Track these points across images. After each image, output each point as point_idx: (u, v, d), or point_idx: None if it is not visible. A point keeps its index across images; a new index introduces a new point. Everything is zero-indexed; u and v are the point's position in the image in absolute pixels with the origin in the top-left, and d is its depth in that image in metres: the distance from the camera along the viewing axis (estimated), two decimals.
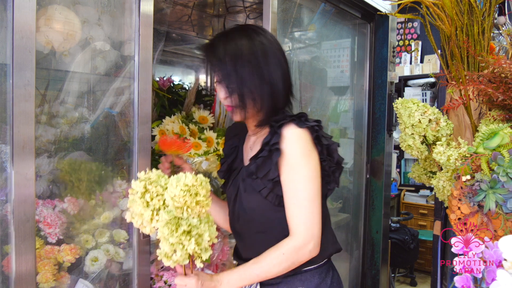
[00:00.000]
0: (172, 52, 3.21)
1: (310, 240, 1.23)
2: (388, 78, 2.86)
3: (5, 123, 1.09)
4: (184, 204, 1.03)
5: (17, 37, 1.05)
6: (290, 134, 1.25)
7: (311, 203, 1.24)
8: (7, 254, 1.15)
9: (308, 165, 1.25)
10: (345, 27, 2.91)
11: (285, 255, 1.23)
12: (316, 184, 1.26)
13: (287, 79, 1.35)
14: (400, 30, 5.42)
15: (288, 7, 2.17)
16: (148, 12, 1.41)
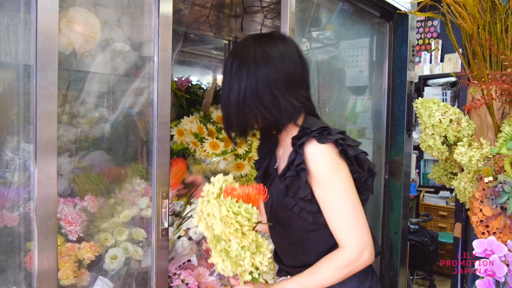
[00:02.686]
0: (190, 53, 3.23)
1: (363, 250, 1.20)
2: (408, 78, 2.83)
3: (29, 122, 1.11)
4: (224, 227, 1.04)
5: (40, 38, 1.07)
6: (313, 152, 1.19)
7: (354, 214, 1.20)
8: (29, 250, 1.17)
9: (340, 179, 1.20)
10: (364, 26, 2.88)
11: (339, 268, 1.20)
12: (353, 195, 1.21)
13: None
14: (420, 29, 5.35)
15: (306, 6, 2.16)
16: (167, 13, 1.42)
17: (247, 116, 1.25)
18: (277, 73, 1.22)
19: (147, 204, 1.50)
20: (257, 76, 1.22)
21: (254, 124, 1.28)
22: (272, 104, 1.23)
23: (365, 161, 1.26)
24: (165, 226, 1.45)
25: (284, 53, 1.25)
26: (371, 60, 2.96)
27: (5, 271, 1.21)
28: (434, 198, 5.05)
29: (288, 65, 1.25)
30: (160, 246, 1.46)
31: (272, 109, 1.23)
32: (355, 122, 2.99)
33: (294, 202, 1.25)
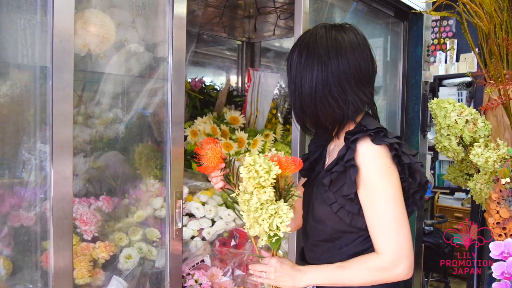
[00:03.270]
0: (204, 53, 3.25)
1: (399, 262, 1.15)
2: (423, 78, 2.80)
3: (45, 123, 1.12)
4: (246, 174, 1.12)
5: (56, 40, 1.09)
6: (366, 151, 1.16)
7: (397, 224, 1.15)
8: (45, 250, 1.18)
9: (389, 185, 1.16)
10: (378, 26, 2.86)
11: (369, 270, 1.18)
12: (399, 203, 1.16)
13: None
14: (435, 28, 5.30)
15: (320, 6, 2.15)
16: (181, 14, 1.43)
17: (317, 107, 1.23)
18: (348, 65, 1.20)
19: (161, 205, 1.51)
20: (327, 67, 1.20)
21: (323, 115, 1.25)
22: (340, 97, 1.21)
23: (418, 172, 1.21)
24: (179, 226, 1.46)
25: (355, 45, 1.22)
26: (385, 60, 2.94)
27: (22, 269, 1.22)
28: (449, 199, 4.99)
29: (359, 58, 1.22)
30: (174, 246, 1.46)
31: (339, 102, 1.21)
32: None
33: (335, 198, 1.22)
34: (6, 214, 1.20)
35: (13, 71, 1.19)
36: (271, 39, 3.22)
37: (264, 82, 2.57)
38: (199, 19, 2.48)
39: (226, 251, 1.93)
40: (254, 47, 3.28)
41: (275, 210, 1.14)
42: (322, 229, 1.30)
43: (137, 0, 1.47)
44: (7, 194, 1.18)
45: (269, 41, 3.26)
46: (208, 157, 1.24)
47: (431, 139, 3.48)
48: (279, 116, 2.69)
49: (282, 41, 3.32)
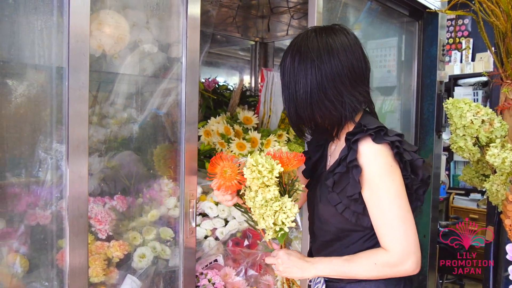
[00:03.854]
0: (217, 54, 3.26)
1: (407, 258, 1.16)
2: (438, 78, 2.77)
3: (61, 123, 1.14)
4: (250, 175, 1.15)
5: (72, 41, 1.10)
6: (367, 150, 1.17)
7: (403, 221, 1.16)
8: (61, 248, 1.20)
9: (392, 182, 1.17)
10: (392, 26, 2.84)
11: (376, 266, 1.19)
12: (403, 200, 1.17)
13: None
14: (450, 28, 5.24)
15: (334, 6, 2.14)
16: (195, 15, 1.43)
17: (314, 110, 1.24)
18: (341, 66, 1.21)
19: (174, 204, 1.52)
20: (321, 70, 1.20)
21: (321, 118, 1.26)
22: (336, 98, 1.22)
23: (420, 168, 1.22)
24: (192, 226, 1.47)
25: (346, 46, 1.23)
26: (399, 60, 2.92)
27: (38, 267, 1.24)
28: (465, 200, 4.93)
29: (351, 58, 1.22)
30: (188, 245, 1.47)
31: (336, 104, 1.22)
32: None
33: (340, 199, 1.23)
34: (23, 213, 1.21)
35: (30, 71, 1.21)
36: (285, 39, 3.22)
37: (277, 82, 2.56)
38: (213, 20, 2.49)
39: (239, 251, 1.94)
40: (268, 47, 3.28)
41: (280, 206, 1.16)
42: (328, 229, 1.32)
43: (152, 1, 1.48)
44: (24, 193, 1.20)
45: (282, 41, 3.26)
46: (227, 176, 1.20)
47: (446, 139, 3.44)
48: None
49: None
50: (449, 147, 1.63)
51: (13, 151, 1.18)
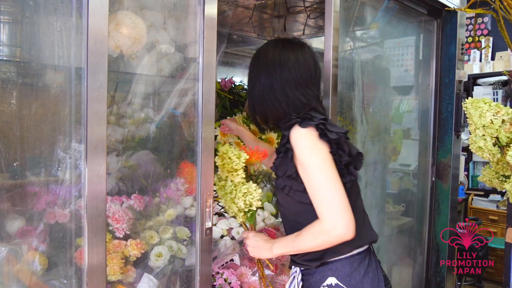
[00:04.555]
0: (233, 54, 3.26)
1: (337, 222, 1.29)
2: (456, 77, 2.74)
3: (80, 123, 1.15)
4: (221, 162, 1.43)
5: (91, 42, 1.11)
6: (295, 135, 1.36)
7: (330, 190, 1.31)
8: (79, 246, 1.21)
9: (317, 157, 1.33)
10: (410, 24, 2.81)
11: (313, 234, 1.33)
12: (330, 172, 1.32)
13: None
14: (470, 26, 5.16)
15: (351, 5, 2.13)
16: (212, 15, 1.44)
17: (265, 108, 1.50)
18: (289, 75, 1.45)
19: (191, 203, 1.53)
20: (272, 77, 1.47)
21: (270, 114, 1.50)
22: (283, 100, 1.46)
23: (345, 143, 1.40)
24: (209, 226, 1.47)
25: (296, 59, 1.47)
26: (417, 59, 2.89)
27: (57, 265, 1.25)
28: (484, 201, 4.86)
29: (299, 69, 1.46)
30: (204, 245, 1.47)
31: (282, 104, 1.46)
32: (400, 123, 2.92)
33: (284, 182, 1.43)
34: (42, 211, 1.23)
35: (50, 72, 1.23)
36: (301, 39, 3.20)
37: None
38: (229, 20, 2.49)
39: None
40: None
41: (247, 189, 1.43)
42: (285, 216, 1.52)
43: (168, 2, 1.49)
44: (43, 191, 1.22)
45: None
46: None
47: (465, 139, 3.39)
48: None
49: (311, 40, 3.30)
50: (468, 147, 1.61)
51: (33, 151, 1.20)
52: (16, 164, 1.17)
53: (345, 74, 2.11)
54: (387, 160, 2.70)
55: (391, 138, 2.78)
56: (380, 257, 2.60)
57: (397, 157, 2.90)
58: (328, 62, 1.93)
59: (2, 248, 1.17)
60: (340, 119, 2.09)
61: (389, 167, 2.78)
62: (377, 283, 1.43)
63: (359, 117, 2.28)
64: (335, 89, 1.95)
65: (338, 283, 1.39)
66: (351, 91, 2.19)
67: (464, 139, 3.31)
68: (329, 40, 1.92)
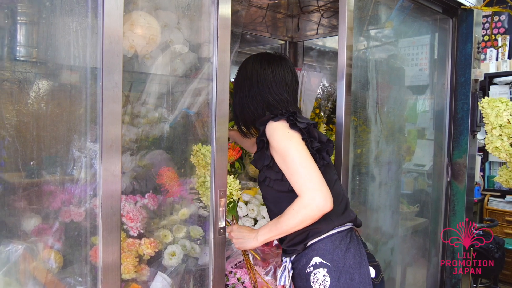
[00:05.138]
0: (246, 53, 3.25)
1: (315, 195, 1.40)
2: (472, 76, 2.70)
3: (95, 123, 1.16)
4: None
5: (106, 42, 1.12)
6: (269, 128, 1.52)
7: (305, 168, 1.43)
8: (94, 245, 1.22)
9: (291, 142, 1.47)
10: (425, 23, 2.78)
11: (295, 211, 1.44)
12: (303, 153, 1.46)
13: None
14: (486, 25, 5.09)
15: (365, 4, 2.11)
16: (226, 15, 1.44)
17: (244, 113, 1.69)
18: (265, 84, 1.64)
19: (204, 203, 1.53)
20: (247, 88, 1.66)
21: (249, 118, 1.68)
22: (258, 105, 1.65)
23: (314, 131, 1.54)
24: (222, 225, 1.47)
25: (274, 71, 1.65)
26: (432, 58, 2.86)
27: (72, 263, 1.27)
28: (500, 202, 4.79)
29: (275, 79, 1.64)
30: (218, 244, 1.48)
31: (258, 109, 1.65)
32: (414, 123, 2.90)
33: (264, 174, 1.58)
34: (58, 210, 1.24)
35: (66, 72, 1.24)
36: (314, 38, 3.19)
37: (307, 82, 2.55)
38: (243, 19, 2.49)
39: (268, 250, 1.94)
40: (297, 46, 3.26)
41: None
42: (271, 207, 1.64)
43: (183, 2, 1.49)
44: (58, 190, 1.23)
45: (312, 40, 3.23)
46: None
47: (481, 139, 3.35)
48: (323, 115, 2.66)
49: (325, 40, 3.29)
50: (484, 147, 1.59)
51: (49, 150, 1.21)
52: (33, 163, 1.18)
53: (359, 74, 2.10)
54: (401, 160, 2.68)
55: (405, 138, 2.76)
56: (394, 257, 2.59)
57: (412, 157, 2.87)
58: (342, 61, 1.92)
59: (19, 246, 1.19)
60: (354, 119, 2.07)
61: (404, 167, 2.76)
62: (360, 258, 1.51)
63: (373, 117, 2.26)
64: (349, 89, 1.94)
65: (322, 261, 1.49)
66: (365, 90, 2.17)
67: (480, 139, 3.28)
68: (343, 40, 1.91)
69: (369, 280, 1.48)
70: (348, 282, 1.46)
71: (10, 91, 1.14)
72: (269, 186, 1.57)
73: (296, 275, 1.57)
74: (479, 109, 1.64)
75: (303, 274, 1.52)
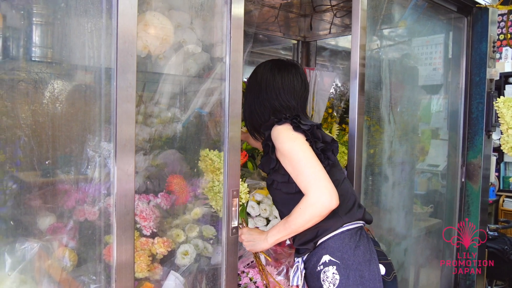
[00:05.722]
0: (259, 53, 3.26)
1: (321, 193, 1.42)
2: (487, 75, 2.67)
3: (109, 122, 1.17)
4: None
5: (120, 42, 1.12)
6: (274, 132, 1.56)
7: (311, 167, 1.46)
8: (107, 243, 1.23)
9: (295, 144, 1.49)
10: (439, 22, 2.76)
11: (302, 209, 1.46)
12: (308, 153, 1.48)
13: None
14: (501, 23, 5.02)
15: (378, 3, 2.10)
16: (239, 15, 1.44)
17: (252, 117, 1.71)
18: (270, 95, 1.66)
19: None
20: (256, 93, 1.69)
21: (256, 122, 1.70)
22: (265, 111, 1.67)
23: (318, 131, 1.57)
24: (235, 224, 1.47)
25: (280, 83, 1.66)
26: (446, 58, 2.83)
27: (86, 262, 1.27)
28: None
29: (279, 91, 1.66)
30: (230, 244, 1.48)
31: (265, 114, 1.67)
32: (428, 122, 2.87)
33: (271, 177, 1.61)
34: (72, 209, 1.25)
35: (80, 72, 1.25)
36: (327, 38, 3.18)
37: (320, 81, 2.54)
38: (255, 19, 2.49)
39: (280, 250, 1.93)
40: (310, 46, 3.25)
41: None
42: (281, 209, 1.65)
43: (196, 2, 1.50)
44: (73, 189, 1.24)
45: (325, 39, 3.22)
46: None
47: (496, 139, 3.30)
48: (335, 115, 2.65)
49: (338, 39, 3.27)
50: (500, 148, 1.57)
51: (63, 149, 1.22)
52: (48, 162, 1.19)
53: (372, 73, 2.08)
54: (415, 161, 2.66)
55: (419, 138, 2.73)
56: (407, 258, 2.57)
57: (425, 157, 2.85)
58: (355, 61, 1.91)
59: (34, 244, 1.20)
60: (367, 119, 2.06)
61: (417, 168, 2.74)
62: (369, 255, 1.51)
63: (387, 117, 2.25)
64: (362, 89, 1.93)
65: (331, 258, 1.51)
66: (378, 90, 2.16)
67: (495, 139, 3.23)
68: (356, 39, 1.90)
69: (379, 278, 1.48)
70: (357, 280, 1.47)
71: (25, 91, 1.15)
72: (277, 189, 1.61)
73: (308, 274, 1.58)
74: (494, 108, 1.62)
75: (314, 273, 1.54)
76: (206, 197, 1.54)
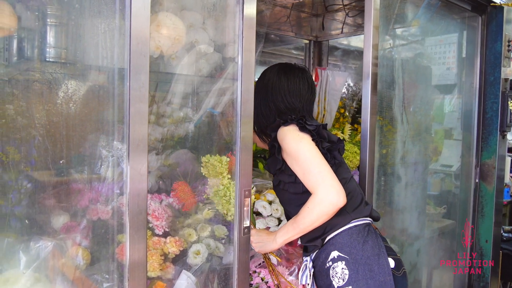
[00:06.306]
0: (270, 53, 3.26)
1: (328, 192, 1.44)
2: (502, 75, 2.64)
3: (122, 122, 1.18)
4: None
5: (133, 43, 1.13)
6: (280, 133, 1.57)
7: (317, 166, 1.47)
8: (120, 242, 1.24)
9: (301, 144, 1.51)
10: (452, 21, 2.73)
11: (309, 208, 1.47)
12: (314, 152, 1.50)
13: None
14: None
15: (391, 2, 2.08)
16: (251, 15, 1.44)
17: (259, 118, 1.70)
18: (275, 97, 1.68)
19: None
20: (262, 95, 1.70)
21: (263, 123, 1.72)
22: (271, 113, 1.69)
23: (324, 131, 1.59)
24: (247, 224, 1.47)
25: (286, 86, 1.68)
26: (460, 57, 2.80)
27: (99, 260, 1.28)
28: None
29: (285, 94, 1.68)
30: (242, 243, 1.48)
31: (270, 116, 1.69)
32: (441, 122, 2.84)
33: (278, 178, 1.63)
34: (85, 208, 1.26)
35: (94, 72, 1.26)
36: (339, 37, 3.17)
37: (332, 81, 2.53)
38: (267, 19, 2.49)
39: (292, 250, 1.93)
40: (322, 45, 3.24)
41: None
42: (289, 210, 1.66)
43: (208, 2, 1.50)
44: (86, 188, 1.25)
45: (337, 39, 3.21)
46: None
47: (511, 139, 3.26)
48: (347, 115, 2.64)
49: (350, 39, 3.26)
50: None
51: (77, 149, 1.23)
52: (62, 161, 1.20)
53: (385, 73, 2.07)
54: (428, 161, 2.63)
55: (432, 138, 2.71)
56: (420, 259, 2.54)
57: (438, 158, 2.82)
58: (367, 60, 1.90)
59: (48, 242, 1.21)
60: (380, 119, 2.05)
61: (430, 168, 2.71)
62: (378, 249, 1.52)
63: (399, 117, 2.23)
64: (374, 88, 1.92)
65: (340, 254, 1.51)
66: (391, 90, 2.14)
67: (510, 139, 3.19)
68: (369, 39, 1.89)
69: (389, 271, 1.48)
70: (367, 274, 1.47)
71: (40, 91, 1.16)
72: (283, 189, 1.62)
73: (316, 272, 1.58)
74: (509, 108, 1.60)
75: (323, 270, 1.54)
76: (212, 201, 1.54)
